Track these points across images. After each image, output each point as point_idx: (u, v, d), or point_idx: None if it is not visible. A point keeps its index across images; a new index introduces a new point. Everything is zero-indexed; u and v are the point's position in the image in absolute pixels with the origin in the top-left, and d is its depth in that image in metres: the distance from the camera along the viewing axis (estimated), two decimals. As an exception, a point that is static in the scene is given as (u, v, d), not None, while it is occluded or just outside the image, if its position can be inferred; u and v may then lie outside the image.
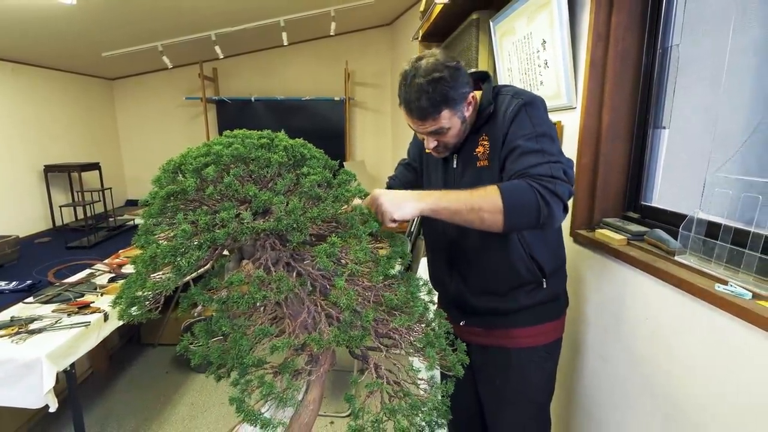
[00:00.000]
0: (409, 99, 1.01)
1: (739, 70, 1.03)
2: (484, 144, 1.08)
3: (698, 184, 1.12)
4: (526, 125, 1.00)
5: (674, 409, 1.03)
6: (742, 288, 0.86)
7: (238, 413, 0.71)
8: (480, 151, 1.09)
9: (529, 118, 1.00)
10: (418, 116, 1.03)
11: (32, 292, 1.96)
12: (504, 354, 1.16)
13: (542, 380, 1.20)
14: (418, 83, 0.99)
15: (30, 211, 2.96)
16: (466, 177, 1.12)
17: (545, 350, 1.17)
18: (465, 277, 1.16)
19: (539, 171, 0.92)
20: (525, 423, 1.21)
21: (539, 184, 0.89)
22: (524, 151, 0.97)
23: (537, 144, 0.97)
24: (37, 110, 3.06)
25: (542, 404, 1.22)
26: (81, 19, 2.45)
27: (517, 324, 1.14)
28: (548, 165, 0.93)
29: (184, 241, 0.73)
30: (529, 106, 1.02)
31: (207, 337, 0.77)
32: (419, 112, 1.01)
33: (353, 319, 0.77)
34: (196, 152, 0.85)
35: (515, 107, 1.02)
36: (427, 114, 1.01)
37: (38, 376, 1.51)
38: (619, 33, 1.25)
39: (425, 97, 0.99)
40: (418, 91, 0.99)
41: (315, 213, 0.78)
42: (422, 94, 0.99)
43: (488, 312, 1.15)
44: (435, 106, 1.00)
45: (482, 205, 0.89)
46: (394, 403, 0.77)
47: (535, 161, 0.94)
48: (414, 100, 1.00)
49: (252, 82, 4.10)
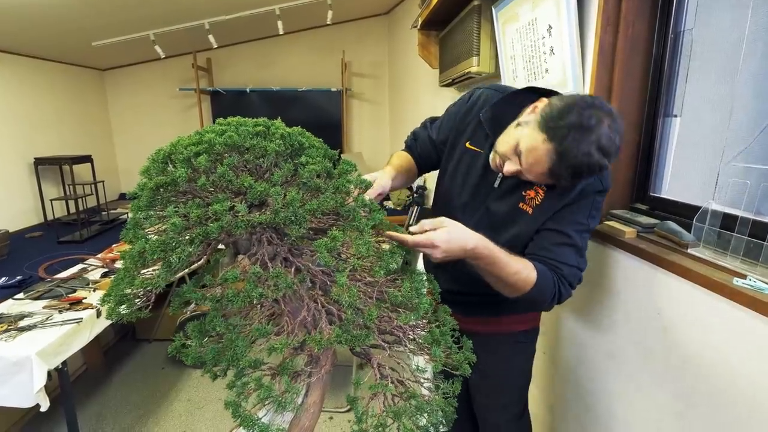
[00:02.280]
0: (579, 171, 0.85)
1: (757, 56, 0.98)
2: (539, 192, 1.00)
3: (710, 175, 1.08)
4: (585, 213, 0.99)
5: (687, 407, 1.00)
6: (762, 282, 0.83)
7: (234, 418, 0.66)
8: (531, 195, 1.01)
9: (593, 207, 1.00)
10: (559, 189, 0.96)
11: (22, 288, 1.90)
12: (486, 338, 1.17)
13: (521, 364, 1.27)
14: (589, 159, 0.83)
15: (20, 205, 2.89)
16: (501, 206, 1.04)
17: (524, 336, 1.24)
18: (455, 280, 1.14)
19: (568, 275, 0.97)
20: (506, 404, 1.27)
21: (560, 286, 0.97)
22: (570, 243, 0.98)
23: (581, 241, 0.99)
24: (26, 101, 2.97)
25: (522, 386, 1.29)
26: (65, 5, 2.37)
27: (499, 313, 1.18)
28: (576, 271, 0.99)
29: (175, 235, 0.69)
30: (600, 195, 1.00)
31: (200, 337, 0.72)
32: (554, 177, 0.88)
33: (355, 318, 0.72)
34: (187, 141, 0.80)
35: (591, 189, 0.98)
36: (560, 183, 0.91)
37: (28, 375, 1.46)
38: (630, 18, 1.20)
39: (577, 175, 0.86)
40: (577, 165, 0.84)
41: (314, 205, 0.73)
42: (581, 170, 0.85)
43: (472, 303, 1.16)
44: (573, 181, 0.90)
45: (514, 285, 0.93)
46: (399, 405, 0.73)
47: (571, 260, 0.98)
48: (566, 167, 0.84)
49: (247, 72, 4.02)
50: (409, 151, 1.24)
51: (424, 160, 1.22)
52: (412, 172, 1.20)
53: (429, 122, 1.26)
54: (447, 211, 1.13)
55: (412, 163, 1.21)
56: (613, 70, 1.25)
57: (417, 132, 1.27)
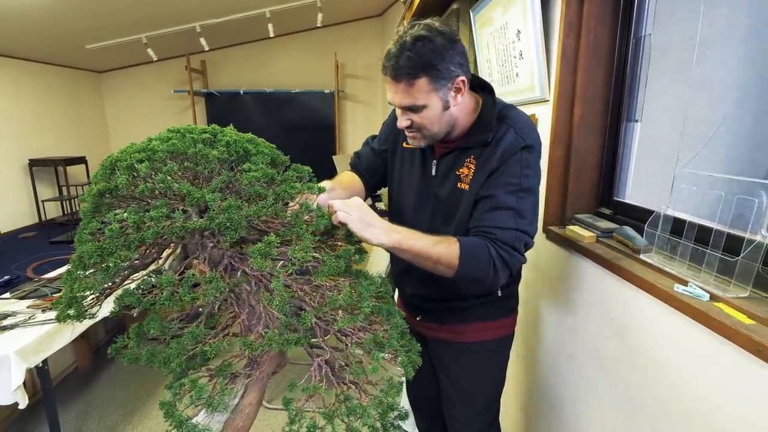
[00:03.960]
0: (388, 53, 0.93)
1: (708, 61, 0.98)
2: (470, 167, 1.02)
3: (669, 180, 1.08)
4: (515, 172, 0.96)
5: (634, 411, 1.01)
6: (701, 289, 0.83)
7: (166, 419, 0.68)
8: (464, 172, 1.02)
9: (522, 165, 0.96)
10: (392, 75, 0.93)
11: (8, 288, 1.94)
12: (457, 347, 1.18)
13: (493, 373, 1.23)
14: (403, 39, 0.91)
15: (15, 206, 2.95)
16: (443, 191, 1.06)
17: (497, 344, 1.20)
18: (421, 283, 1.16)
19: (504, 237, 0.93)
20: (475, 414, 1.24)
21: (497, 251, 0.92)
22: (500, 205, 0.95)
23: (516, 202, 0.95)
24: (23, 104, 3.03)
25: (493, 395, 1.26)
26: (58, 9, 2.41)
27: (467, 320, 1.16)
28: (514, 233, 0.94)
29: (112, 240, 0.71)
30: (527, 151, 0.96)
31: (137, 339, 0.75)
32: (394, 70, 0.92)
33: (290, 321, 0.74)
34: (136, 147, 0.83)
35: (514, 148, 0.96)
36: (402, 75, 0.91)
37: (6, 373, 1.50)
38: (591, 23, 1.21)
39: (405, 56, 0.90)
40: (401, 46, 0.90)
41: (251, 211, 0.75)
42: (403, 51, 0.90)
43: (441, 309, 1.17)
44: (412, 67, 0.90)
45: (440, 258, 0.92)
46: (333, 407, 0.74)
47: (505, 223, 0.94)
48: (392, 56, 0.91)
49: (241, 74, 4.05)
50: (354, 169, 1.25)
51: (372, 173, 1.23)
52: (356, 188, 1.19)
53: (370, 139, 1.30)
54: (401, 214, 1.15)
55: (355, 179, 1.21)
56: (576, 75, 1.26)
57: (359, 151, 1.30)
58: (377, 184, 1.26)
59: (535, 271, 1.49)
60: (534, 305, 1.51)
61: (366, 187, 1.22)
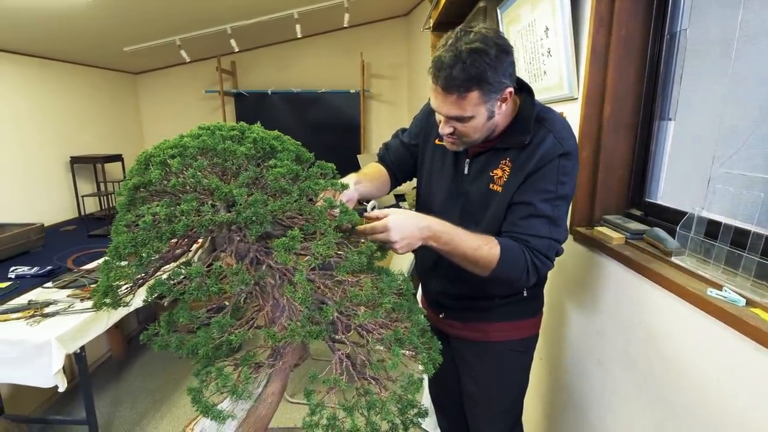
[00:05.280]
0: (441, 62, 0.88)
1: (748, 57, 0.94)
2: (504, 169, 1.00)
3: (703, 181, 1.04)
4: (552, 179, 0.95)
5: (664, 417, 0.97)
6: (737, 294, 0.80)
7: (194, 404, 0.71)
8: (497, 174, 1.01)
9: (559, 172, 0.95)
10: (443, 85, 0.90)
11: (51, 278, 2.06)
12: (481, 346, 1.17)
13: (517, 373, 1.21)
14: (458, 49, 0.87)
15: (57, 201, 3.11)
16: (474, 190, 1.05)
17: (521, 344, 1.18)
18: (448, 280, 1.15)
19: (538, 246, 0.95)
20: (498, 413, 1.23)
21: (532, 259, 0.94)
22: (536, 213, 0.95)
23: (552, 210, 0.95)
24: (67, 104, 3.19)
25: (516, 397, 1.24)
26: (99, 15, 2.53)
27: (492, 319, 1.15)
28: (548, 242, 0.95)
29: (145, 232, 0.74)
30: (565, 158, 0.95)
31: (168, 327, 0.78)
32: (446, 80, 0.88)
33: (312, 314, 0.76)
34: (169, 144, 0.86)
35: (552, 154, 0.95)
36: (454, 87, 0.88)
37: (48, 357, 1.58)
38: (623, 18, 1.17)
39: (460, 67, 0.86)
40: (455, 56, 0.86)
41: (276, 206, 0.77)
42: (458, 62, 0.86)
43: (466, 308, 1.16)
44: (466, 80, 0.87)
45: (478, 261, 0.93)
46: (353, 400, 0.76)
47: (540, 232, 0.95)
48: (446, 66, 0.87)
49: (269, 74, 4.14)
50: (381, 161, 1.25)
51: (399, 166, 1.23)
52: (382, 180, 1.19)
53: (400, 132, 1.28)
54: (428, 211, 1.14)
55: (382, 171, 1.21)
56: (606, 72, 1.22)
57: (388, 142, 1.28)
58: (404, 178, 1.26)
59: (561, 273, 1.46)
60: (559, 307, 1.48)
61: (392, 180, 1.22)
